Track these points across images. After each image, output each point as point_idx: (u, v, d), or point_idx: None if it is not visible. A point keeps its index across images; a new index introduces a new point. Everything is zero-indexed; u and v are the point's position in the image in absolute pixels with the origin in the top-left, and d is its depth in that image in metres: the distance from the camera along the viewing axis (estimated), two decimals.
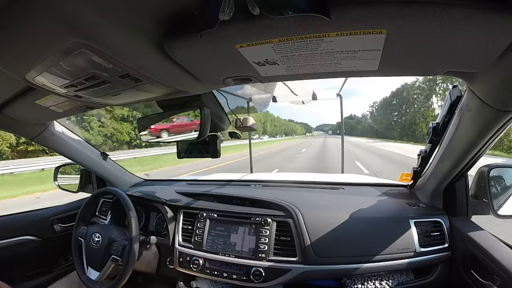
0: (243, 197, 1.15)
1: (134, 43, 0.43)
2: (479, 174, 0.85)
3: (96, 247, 1.06)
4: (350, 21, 0.36)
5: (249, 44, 0.43)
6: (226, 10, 0.33)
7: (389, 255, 0.87)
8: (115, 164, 1.51)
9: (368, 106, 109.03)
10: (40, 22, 0.37)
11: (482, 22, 0.34)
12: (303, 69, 0.52)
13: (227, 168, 9.95)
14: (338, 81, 2.40)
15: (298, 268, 0.91)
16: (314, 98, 2.40)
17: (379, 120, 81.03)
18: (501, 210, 0.80)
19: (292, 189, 1.34)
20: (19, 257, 1.23)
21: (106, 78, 0.52)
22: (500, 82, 0.48)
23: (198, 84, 0.62)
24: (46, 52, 0.43)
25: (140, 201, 1.25)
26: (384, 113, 78.44)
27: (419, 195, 1.09)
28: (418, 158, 0.97)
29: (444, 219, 0.92)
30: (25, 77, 0.52)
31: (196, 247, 1.05)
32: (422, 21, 0.35)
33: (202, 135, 0.85)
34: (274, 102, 2.23)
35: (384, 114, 78.31)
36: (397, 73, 0.55)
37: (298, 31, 0.39)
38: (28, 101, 0.78)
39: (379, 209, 1.01)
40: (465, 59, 0.44)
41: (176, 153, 1.05)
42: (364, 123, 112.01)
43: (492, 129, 0.61)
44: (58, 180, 1.48)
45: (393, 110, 72.57)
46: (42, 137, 1.14)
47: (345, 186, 1.30)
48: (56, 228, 1.34)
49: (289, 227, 0.97)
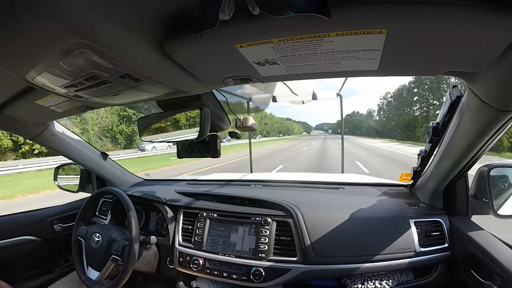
0: (243, 197, 1.15)
1: (134, 43, 0.43)
2: (479, 174, 0.85)
3: (96, 247, 1.06)
4: (350, 21, 0.36)
5: (249, 44, 0.43)
6: (226, 10, 0.33)
7: (389, 255, 0.87)
8: (115, 164, 1.52)
9: (379, 98, 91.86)
10: (40, 22, 0.37)
11: (482, 22, 0.34)
12: (303, 69, 0.52)
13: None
14: (338, 81, 2.40)
15: (298, 268, 0.91)
16: (314, 98, 2.40)
17: (395, 116, 58.22)
18: (501, 210, 0.80)
19: (292, 189, 1.34)
20: (19, 257, 1.23)
21: (106, 78, 0.52)
22: (500, 82, 0.48)
23: (198, 84, 0.62)
24: (46, 52, 0.43)
25: (140, 201, 1.25)
26: (399, 106, 58.46)
27: (419, 195, 1.09)
28: (418, 158, 0.97)
29: (444, 219, 0.92)
30: (25, 77, 0.52)
31: (196, 247, 1.05)
32: (422, 21, 0.35)
33: (202, 135, 0.85)
34: (274, 102, 2.23)
35: (399, 107, 58.34)
36: (397, 73, 0.55)
37: (298, 31, 0.39)
38: (28, 101, 0.78)
39: (379, 209, 1.01)
40: (465, 59, 0.44)
41: (176, 153, 1.05)
42: (370, 121, 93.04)
43: (492, 129, 0.61)
44: (58, 180, 1.48)
45: (412, 103, 51.85)
46: (42, 137, 1.14)
47: (345, 186, 1.30)
48: (56, 228, 1.34)
49: (289, 227, 0.97)
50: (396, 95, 62.36)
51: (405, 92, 56.89)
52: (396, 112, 59.44)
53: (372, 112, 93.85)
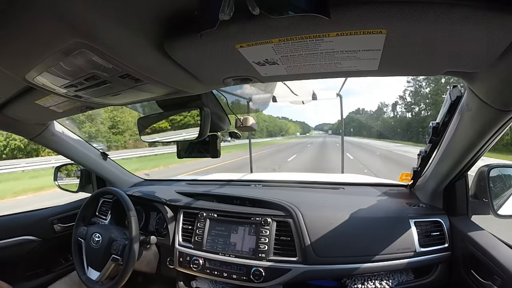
0: (243, 197, 1.15)
1: (134, 43, 0.43)
2: (479, 174, 0.85)
3: (96, 247, 1.06)
4: (350, 21, 0.36)
5: (249, 44, 0.43)
6: (226, 10, 0.33)
7: (389, 255, 0.87)
8: (115, 164, 1.52)
9: (405, 83, 68.17)
10: (40, 22, 0.37)
11: (482, 22, 0.34)
12: (303, 69, 0.52)
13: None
14: (338, 81, 2.38)
15: (298, 268, 0.91)
16: (314, 98, 2.40)
17: (431, 105, 39.20)
18: (501, 210, 0.80)
19: (292, 189, 1.34)
20: (19, 257, 1.23)
21: (106, 78, 0.52)
22: (500, 82, 0.48)
23: (198, 84, 0.62)
24: (46, 52, 0.43)
25: (140, 201, 1.25)
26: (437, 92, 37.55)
27: (419, 195, 1.09)
28: (418, 158, 0.97)
29: (444, 219, 0.92)
30: (25, 77, 0.52)
31: (196, 247, 1.05)
32: (422, 21, 0.35)
33: (202, 135, 0.85)
34: (274, 102, 2.23)
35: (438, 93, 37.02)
36: (397, 73, 0.55)
37: (298, 31, 0.39)
38: (28, 101, 0.78)
39: (379, 209, 1.01)
40: (465, 59, 0.44)
41: (176, 153, 1.05)
42: (386, 117, 65.27)
43: (492, 129, 0.61)
44: (58, 180, 1.48)
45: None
46: (42, 137, 1.14)
47: (345, 186, 1.30)
48: (56, 228, 1.34)
49: (289, 227, 0.97)
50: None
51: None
52: (434, 99, 39.51)
53: (384, 108, 70.79)
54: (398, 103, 56.32)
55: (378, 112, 78.15)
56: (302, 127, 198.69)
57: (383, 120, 66.18)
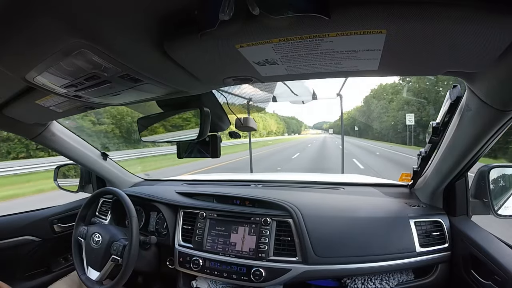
0: (243, 197, 1.15)
1: (134, 43, 0.43)
2: (479, 174, 0.85)
3: (96, 247, 1.06)
4: (350, 21, 0.36)
5: (249, 44, 0.43)
6: (226, 10, 0.33)
7: (389, 255, 0.87)
8: (115, 164, 1.51)
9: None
10: (40, 22, 0.37)
11: (482, 22, 0.34)
12: (303, 69, 0.52)
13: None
14: (338, 81, 2.38)
15: (298, 268, 0.91)
16: (314, 97, 2.40)
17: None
18: (501, 210, 0.80)
19: (292, 189, 1.34)
20: (19, 257, 1.23)
21: (106, 78, 0.52)
22: (500, 82, 0.48)
23: (198, 84, 0.62)
24: (46, 52, 0.43)
25: (140, 201, 1.25)
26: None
27: (419, 195, 1.09)
28: (418, 158, 0.97)
29: (444, 219, 0.92)
30: (25, 77, 0.52)
31: (196, 247, 1.05)
32: (422, 21, 0.35)
33: (202, 135, 0.84)
34: (274, 102, 2.23)
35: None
36: (397, 73, 0.55)
37: (298, 31, 0.39)
38: (28, 101, 0.78)
39: (379, 209, 1.01)
40: (465, 59, 0.44)
41: (176, 153, 1.05)
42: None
43: (492, 129, 0.61)
44: (58, 180, 1.48)
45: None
46: (42, 137, 1.13)
47: (345, 186, 1.29)
48: (56, 228, 1.34)
49: (289, 227, 0.97)
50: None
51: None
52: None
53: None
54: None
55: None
56: (297, 126, 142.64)
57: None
